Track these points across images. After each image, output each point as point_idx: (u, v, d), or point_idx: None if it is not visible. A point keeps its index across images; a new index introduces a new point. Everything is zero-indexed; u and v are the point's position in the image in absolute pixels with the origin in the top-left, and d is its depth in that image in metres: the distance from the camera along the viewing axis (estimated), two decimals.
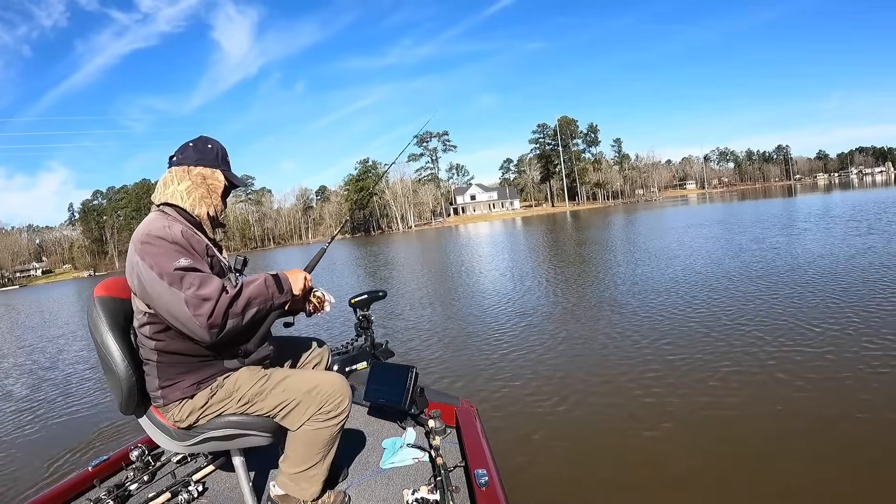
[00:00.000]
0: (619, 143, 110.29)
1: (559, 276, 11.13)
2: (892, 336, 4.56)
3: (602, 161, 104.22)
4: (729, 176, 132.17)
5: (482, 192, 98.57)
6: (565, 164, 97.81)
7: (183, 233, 1.57)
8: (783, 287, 7.02)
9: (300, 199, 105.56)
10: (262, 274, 1.67)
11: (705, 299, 6.87)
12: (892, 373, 3.83)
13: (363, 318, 2.96)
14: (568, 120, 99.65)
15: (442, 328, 7.25)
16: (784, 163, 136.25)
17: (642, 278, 9.17)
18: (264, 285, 1.61)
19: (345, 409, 1.73)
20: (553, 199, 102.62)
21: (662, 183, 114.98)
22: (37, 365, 8.77)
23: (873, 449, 2.90)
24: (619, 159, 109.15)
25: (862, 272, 7.36)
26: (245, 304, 1.54)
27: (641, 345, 5.25)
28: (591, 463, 3.16)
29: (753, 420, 3.41)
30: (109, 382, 1.70)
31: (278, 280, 1.66)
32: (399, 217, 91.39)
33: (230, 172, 1.78)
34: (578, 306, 7.57)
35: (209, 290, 1.47)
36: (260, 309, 1.59)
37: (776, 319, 5.52)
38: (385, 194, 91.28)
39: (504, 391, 4.48)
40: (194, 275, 1.48)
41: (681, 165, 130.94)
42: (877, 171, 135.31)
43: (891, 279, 6.72)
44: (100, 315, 1.65)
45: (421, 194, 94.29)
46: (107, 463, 2.20)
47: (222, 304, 1.48)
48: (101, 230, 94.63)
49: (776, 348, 4.63)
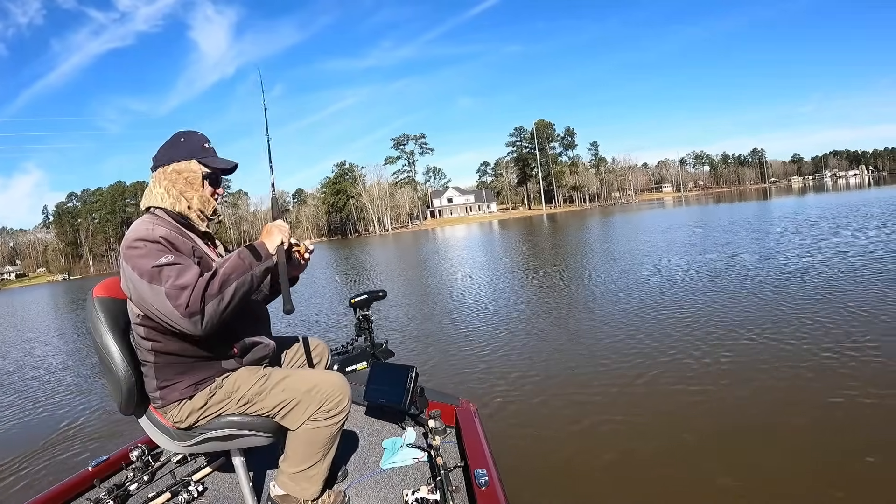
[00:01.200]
0: (595, 147, 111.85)
1: (555, 277, 11.21)
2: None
3: (579, 164, 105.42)
4: (705, 179, 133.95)
5: (459, 195, 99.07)
6: (542, 167, 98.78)
7: (167, 234, 1.56)
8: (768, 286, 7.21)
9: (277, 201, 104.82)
10: (234, 251, 1.64)
11: (705, 301, 6.97)
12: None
13: (363, 318, 2.95)
14: (545, 123, 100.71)
15: (438, 329, 7.25)
16: (759, 166, 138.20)
17: (639, 278, 9.30)
18: (238, 258, 1.56)
19: (345, 407, 1.72)
20: (530, 201, 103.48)
21: (639, 186, 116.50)
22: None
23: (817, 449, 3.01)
24: (595, 162, 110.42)
25: (825, 278, 7.46)
26: (221, 283, 1.49)
27: (642, 345, 5.27)
28: (592, 463, 3.17)
29: (754, 420, 3.44)
30: (109, 383, 1.69)
31: (253, 248, 1.61)
32: (376, 220, 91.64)
33: (209, 158, 1.73)
34: (577, 306, 7.60)
35: (186, 278, 1.45)
36: (241, 283, 1.53)
37: (764, 319, 5.65)
38: (362, 197, 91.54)
39: (504, 391, 4.50)
40: (171, 267, 1.47)
41: (657, 169, 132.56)
42: (851, 174, 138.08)
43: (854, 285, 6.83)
44: (99, 316, 1.65)
45: (398, 197, 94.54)
46: (107, 463, 2.20)
47: (198, 288, 1.45)
48: (76, 233, 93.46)
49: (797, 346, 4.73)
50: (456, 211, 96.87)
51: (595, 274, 10.64)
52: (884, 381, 3.72)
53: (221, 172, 1.77)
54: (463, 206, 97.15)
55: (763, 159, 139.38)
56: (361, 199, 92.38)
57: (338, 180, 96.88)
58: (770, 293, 6.85)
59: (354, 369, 2.87)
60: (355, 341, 3.03)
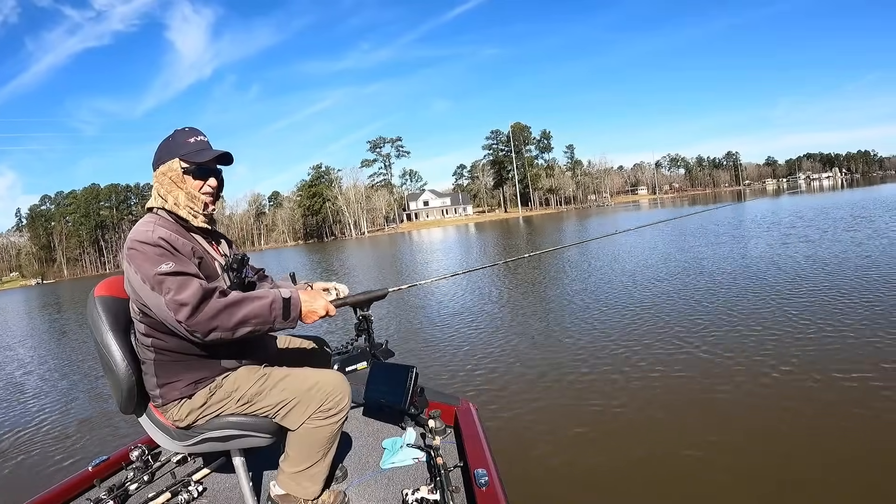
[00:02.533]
0: (571, 150, 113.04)
1: (545, 279, 11.15)
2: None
3: (555, 167, 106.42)
4: (680, 182, 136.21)
5: (435, 198, 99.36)
6: (518, 170, 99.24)
7: (166, 236, 1.56)
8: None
9: (252, 204, 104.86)
10: (271, 291, 1.61)
11: (704, 302, 7.06)
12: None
13: (363, 318, 2.88)
14: (521, 126, 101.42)
15: (432, 330, 7.28)
16: (734, 168, 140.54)
17: (635, 278, 9.40)
18: (268, 308, 1.56)
19: (344, 406, 1.72)
20: (506, 204, 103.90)
21: (615, 189, 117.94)
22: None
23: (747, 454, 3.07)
24: (571, 165, 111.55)
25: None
26: (239, 322, 1.51)
27: (642, 345, 5.31)
28: (592, 462, 3.18)
29: (757, 419, 3.47)
30: (109, 381, 1.70)
31: (287, 305, 1.60)
32: (352, 223, 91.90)
33: (190, 152, 1.68)
34: (577, 307, 7.63)
35: (185, 294, 1.46)
36: (255, 329, 1.54)
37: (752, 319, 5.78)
38: (338, 200, 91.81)
39: (504, 391, 4.51)
40: (172, 279, 1.47)
41: (633, 171, 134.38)
42: (824, 176, 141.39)
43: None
44: (100, 314, 1.66)
45: (374, 200, 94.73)
46: (107, 463, 2.21)
47: (209, 310, 1.47)
48: (49, 237, 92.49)
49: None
50: (432, 214, 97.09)
51: (576, 274, 10.69)
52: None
53: (203, 164, 1.70)
54: (439, 209, 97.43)
55: (737, 162, 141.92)
56: (337, 202, 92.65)
57: (314, 183, 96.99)
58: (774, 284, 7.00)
59: (354, 369, 2.86)
60: (355, 341, 3.01)
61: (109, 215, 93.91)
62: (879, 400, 3.49)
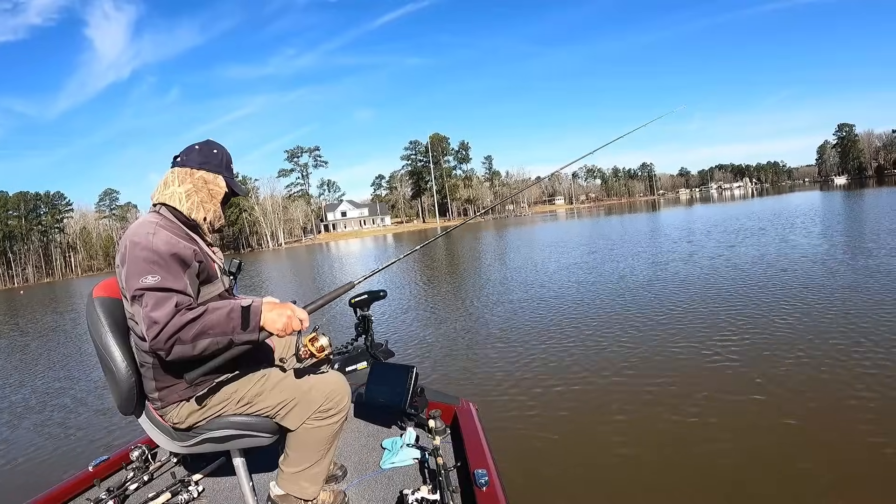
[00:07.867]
0: (489, 161, 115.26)
1: (546, 279, 11.15)
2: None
3: (473, 178, 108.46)
4: (596, 192, 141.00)
5: (353, 209, 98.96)
6: (436, 180, 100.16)
7: (166, 240, 1.51)
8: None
9: None
10: (229, 301, 1.55)
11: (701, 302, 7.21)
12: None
13: (363, 319, 2.92)
14: (440, 137, 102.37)
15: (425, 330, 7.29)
16: (648, 179, 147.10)
17: (632, 279, 9.68)
18: (227, 316, 1.46)
19: (344, 406, 1.72)
20: (424, 215, 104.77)
21: (532, 199, 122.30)
22: None
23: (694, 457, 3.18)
24: (489, 176, 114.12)
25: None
26: (196, 334, 1.42)
27: (641, 344, 5.36)
28: (592, 462, 3.21)
29: (756, 419, 3.54)
30: (109, 382, 1.67)
31: (247, 314, 1.49)
32: (269, 234, 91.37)
33: (233, 180, 1.75)
34: (575, 307, 7.69)
35: (159, 313, 1.40)
36: (215, 342, 1.44)
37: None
38: (255, 210, 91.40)
39: (504, 391, 4.52)
40: (150, 294, 1.42)
41: (550, 182, 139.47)
42: (735, 185, 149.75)
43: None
44: (99, 316, 1.63)
45: (291, 210, 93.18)
46: (107, 463, 2.21)
47: (171, 327, 1.39)
48: None
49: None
50: (350, 224, 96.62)
51: (577, 274, 10.94)
52: None
53: (235, 196, 1.79)
54: (357, 220, 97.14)
55: (652, 173, 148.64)
56: (254, 213, 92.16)
57: None
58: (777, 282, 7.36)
59: (354, 369, 2.85)
60: (355, 341, 3.02)
61: (17, 225, 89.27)
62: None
